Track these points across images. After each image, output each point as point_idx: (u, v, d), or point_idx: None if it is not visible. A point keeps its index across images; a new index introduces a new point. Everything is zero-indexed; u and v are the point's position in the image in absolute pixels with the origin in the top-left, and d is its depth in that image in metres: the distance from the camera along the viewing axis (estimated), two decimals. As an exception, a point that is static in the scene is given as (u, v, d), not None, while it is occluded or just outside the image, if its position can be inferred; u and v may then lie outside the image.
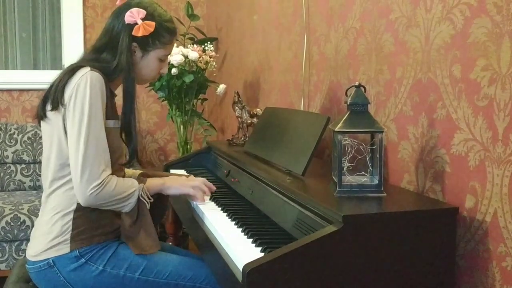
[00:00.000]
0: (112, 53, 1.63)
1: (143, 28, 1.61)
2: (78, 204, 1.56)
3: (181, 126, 3.31)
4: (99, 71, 1.55)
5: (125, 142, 1.72)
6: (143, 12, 1.62)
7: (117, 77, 1.64)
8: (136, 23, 1.61)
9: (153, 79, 1.78)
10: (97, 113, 1.52)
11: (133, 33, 1.61)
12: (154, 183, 1.69)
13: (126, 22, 1.62)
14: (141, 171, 1.93)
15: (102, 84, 1.54)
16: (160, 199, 1.73)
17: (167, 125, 4.00)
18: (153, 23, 1.63)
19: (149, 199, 1.61)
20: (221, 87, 3.26)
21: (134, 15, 1.61)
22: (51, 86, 1.58)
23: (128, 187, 1.57)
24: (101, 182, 1.49)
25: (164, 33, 1.67)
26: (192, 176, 1.91)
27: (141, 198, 1.59)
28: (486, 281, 1.26)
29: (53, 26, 3.95)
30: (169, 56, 2.93)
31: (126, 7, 1.64)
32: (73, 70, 1.55)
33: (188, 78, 3.06)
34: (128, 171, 1.89)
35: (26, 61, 3.94)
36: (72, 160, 1.51)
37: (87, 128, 1.49)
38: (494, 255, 1.23)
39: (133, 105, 1.66)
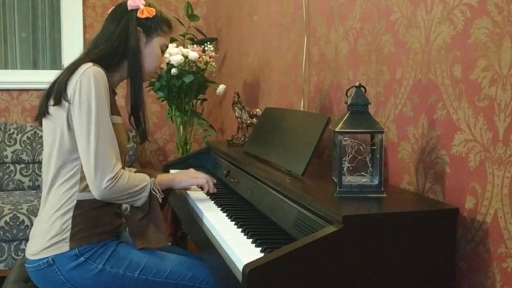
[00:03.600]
0: (111, 41, 1.66)
1: (146, 11, 1.69)
2: (77, 202, 1.56)
3: (181, 127, 3.30)
4: (100, 66, 1.58)
5: (133, 127, 1.78)
6: (143, 0, 1.72)
7: (116, 68, 1.67)
8: (139, 8, 1.69)
9: (154, 72, 1.78)
10: (103, 108, 1.54)
11: (138, 14, 1.68)
12: (164, 178, 1.74)
13: (129, 9, 1.69)
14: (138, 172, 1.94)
15: (105, 79, 1.57)
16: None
17: (166, 125, 4.00)
18: (154, 9, 1.72)
19: (161, 194, 1.64)
20: (221, 87, 3.26)
21: (136, 1, 1.69)
22: (54, 83, 1.59)
23: (141, 181, 1.60)
24: (115, 175, 1.52)
25: (162, 22, 1.74)
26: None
27: (153, 192, 1.61)
28: (487, 282, 1.26)
29: (53, 26, 3.95)
30: (169, 56, 2.97)
31: (123, 5, 1.71)
32: (75, 66, 1.58)
33: (188, 78, 3.05)
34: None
35: (26, 61, 3.93)
36: (83, 156, 1.52)
37: (96, 124, 1.51)
38: (495, 256, 1.23)
39: (140, 86, 1.71)
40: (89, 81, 1.52)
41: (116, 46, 1.65)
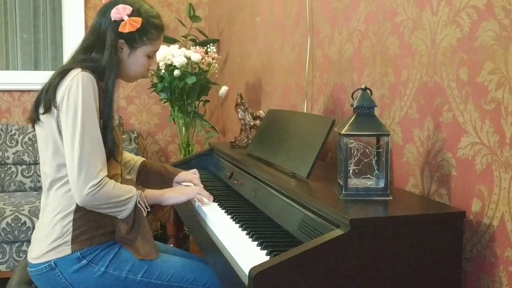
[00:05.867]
0: (100, 52, 1.61)
1: (129, 24, 1.59)
2: (78, 205, 1.55)
3: (183, 128, 3.30)
4: (90, 71, 1.54)
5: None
6: (129, 9, 1.61)
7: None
8: (123, 20, 1.60)
9: (142, 76, 1.74)
10: (90, 113, 1.50)
11: (120, 29, 1.60)
12: (153, 193, 1.68)
13: (112, 19, 1.60)
14: (143, 159, 1.95)
15: (94, 84, 1.52)
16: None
17: (168, 126, 4.00)
18: (140, 19, 1.61)
19: (147, 208, 1.60)
20: (223, 88, 3.25)
21: (120, 12, 1.60)
22: (43, 89, 1.57)
23: (126, 192, 1.56)
24: (99, 182, 1.48)
25: (151, 29, 1.65)
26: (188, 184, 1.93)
27: (139, 204, 1.58)
28: (493, 285, 1.25)
29: (54, 26, 3.94)
30: (172, 58, 2.97)
31: (112, 4, 1.62)
32: (64, 72, 1.54)
33: (190, 80, 3.05)
34: (129, 155, 1.92)
35: (27, 61, 3.92)
36: (68, 161, 1.49)
37: (82, 128, 1.48)
38: (501, 260, 1.23)
39: (111, 105, 1.60)
40: (77, 86, 1.49)
41: (102, 59, 1.59)
